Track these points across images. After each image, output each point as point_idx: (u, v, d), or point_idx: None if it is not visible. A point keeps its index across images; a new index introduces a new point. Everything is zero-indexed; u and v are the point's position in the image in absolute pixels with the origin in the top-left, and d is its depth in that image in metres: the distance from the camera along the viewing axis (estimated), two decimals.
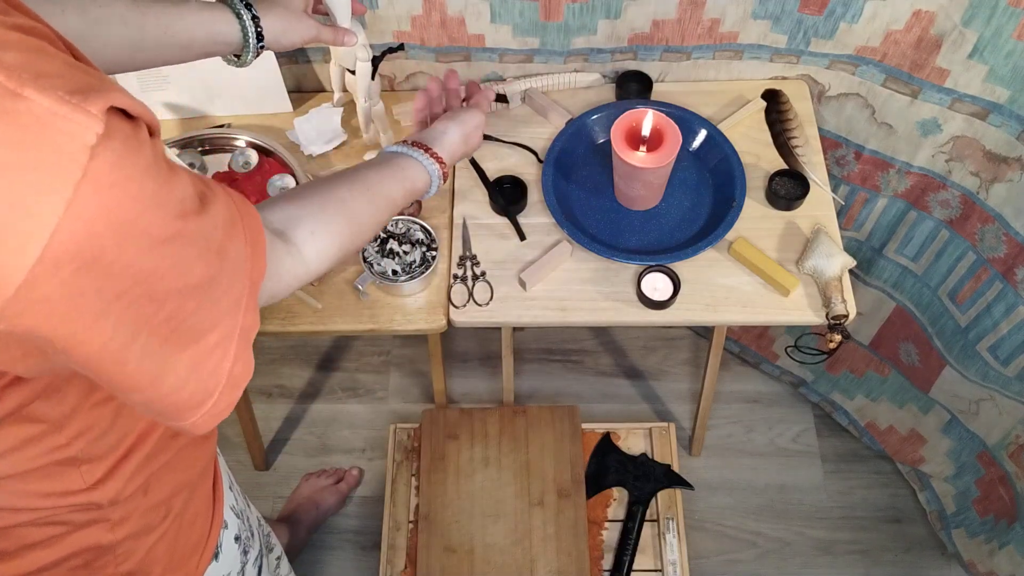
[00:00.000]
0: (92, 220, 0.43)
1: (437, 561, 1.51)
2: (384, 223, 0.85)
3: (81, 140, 0.42)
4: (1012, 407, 1.37)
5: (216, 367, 0.56)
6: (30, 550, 0.67)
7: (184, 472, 0.76)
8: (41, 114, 0.41)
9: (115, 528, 0.70)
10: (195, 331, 0.53)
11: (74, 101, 0.42)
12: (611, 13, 1.22)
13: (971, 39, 1.10)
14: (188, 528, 0.79)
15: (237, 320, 0.57)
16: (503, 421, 1.63)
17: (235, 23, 0.89)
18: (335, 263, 0.76)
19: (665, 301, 1.15)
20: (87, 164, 0.42)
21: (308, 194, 0.76)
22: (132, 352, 0.50)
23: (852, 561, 1.70)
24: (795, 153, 1.28)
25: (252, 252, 0.58)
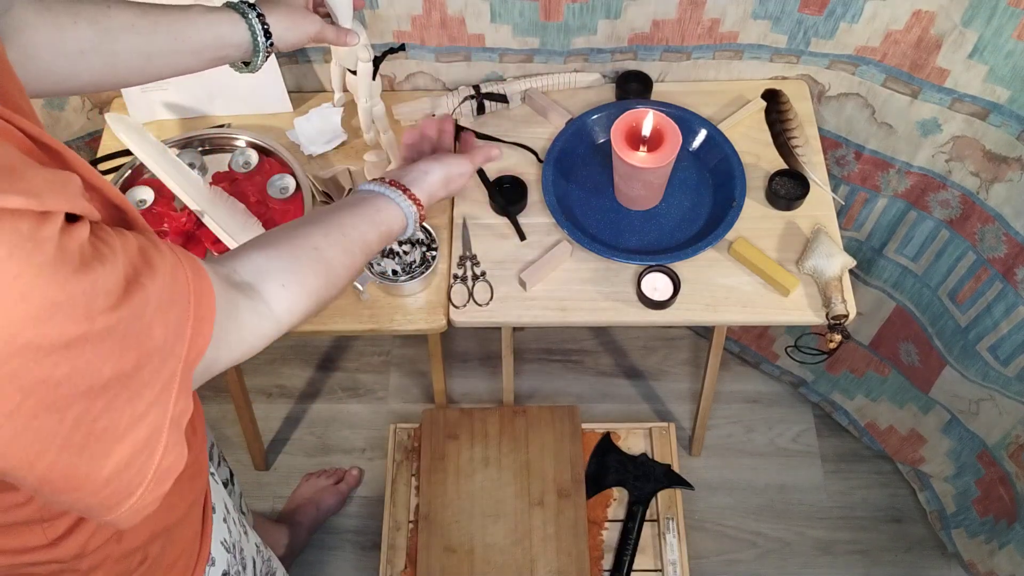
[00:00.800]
0: None
1: (437, 561, 1.51)
2: (359, 269, 0.79)
3: None
4: (1012, 407, 1.37)
5: (144, 464, 0.52)
6: None
7: (164, 516, 0.72)
8: None
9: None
10: (113, 432, 0.49)
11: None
12: (611, 13, 1.22)
13: (971, 39, 1.10)
14: (167, 569, 0.76)
15: (167, 409, 0.52)
16: (503, 421, 1.63)
17: (241, 23, 0.90)
18: (309, 316, 0.71)
19: (665, 301, 1.15)
20: None
21: (279, 242, 0.71)
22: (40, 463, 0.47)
23: (852, 561, 1.71)
24: (795, 153, 1.28)
25: (193, 331, 0.54)
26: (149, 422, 0.51)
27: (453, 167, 0.96)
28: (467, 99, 1.32)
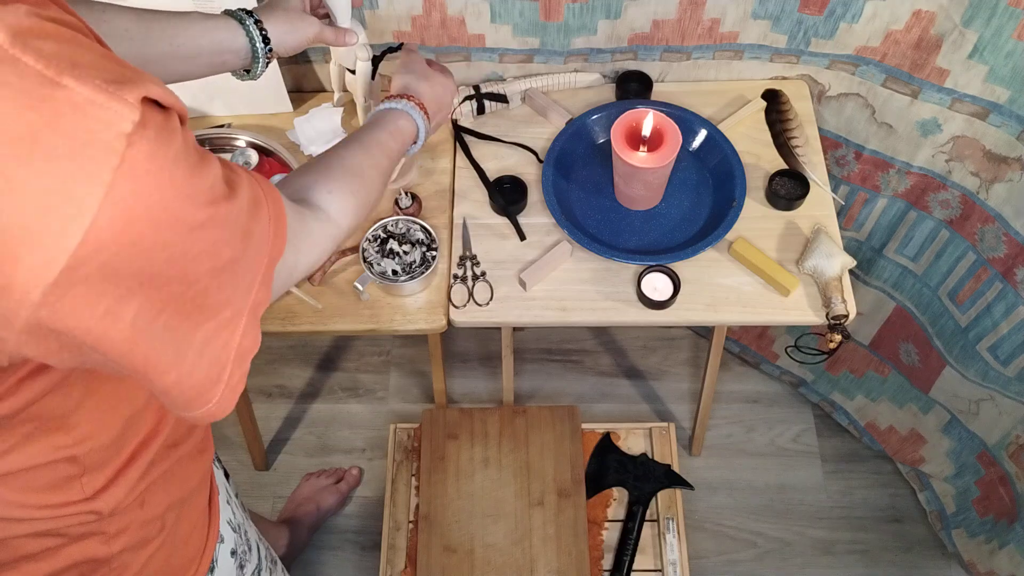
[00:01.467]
0: (131, 206, 0.44)
1: (437, 561, 1.51)
2: (388, 170, 0.88)
3: (118, 128, 0.43)
4: (1012, 407, 1.37)
5: (227, 341, 0.57)
6: (26, 562, 0.67)
7: (179, 487, 0.76)
8: (80, 102, 0.42)
9: (111, 541, 0.70)
10: (212, 309, 0.54)
11: (111, 90, 0.43)
12: (611, 13, 1.22)
13: (971, 39, 1.10)
14: (183, 543, 0.79)
15: (251, 296, 0.58)
16: (503, 421, 1.63)
17: (239, 30, 0.90)
18: (359, 218, 0.79)
19: (665, 301, 1.15)
20: (124, 152, 0.43)
21: (313, 164, 0.80)
22: (153, 333, 0.50)
23: (852, 561, 1.70)
24: (795, 153, 1.28)
25: (274, 231, 0.59)
26: (237, 304, 0.56)
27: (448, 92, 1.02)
28: (467, 99, 1.32)
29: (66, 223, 0.42)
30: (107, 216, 0.43)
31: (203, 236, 0.50)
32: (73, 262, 0.43)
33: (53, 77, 0.41)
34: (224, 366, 0.57)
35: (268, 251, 0.59)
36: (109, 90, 0.43)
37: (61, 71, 0.42)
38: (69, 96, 0.41)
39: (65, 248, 0.42)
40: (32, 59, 0.41)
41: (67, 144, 0.41)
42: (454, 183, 1.30)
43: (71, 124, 0.41)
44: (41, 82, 0.41)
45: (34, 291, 0.43)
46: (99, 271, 0.44)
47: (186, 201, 0.48)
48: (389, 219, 1.22)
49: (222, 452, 1.81)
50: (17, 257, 0.42)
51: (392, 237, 1.21)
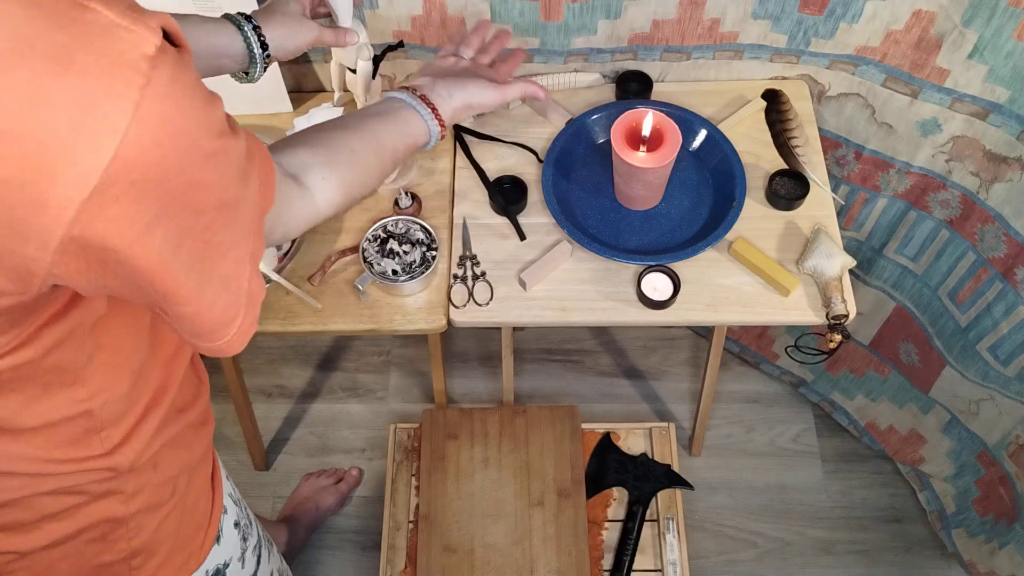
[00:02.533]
0: (156, 126, 0.45)
1: (437, 561, 1.51)
2: (387, 172, 0.88)
3: (142, 50, 0.44)
4: (1012, 407, 1.37)
5: (240, 284, 0.59)
6: (48, 521, 0.69)
7: (187, 452, 0.78)
8: (107, 24, 0.43)
9: (128, 501, 0.72)
10: (223, 247, 0.56)
11: (134, 15, 0.45)
12: (611, 13, 1.22)
13: (971, 39, 1.10)
14: (191, 510, 0.81)
15: (250, 242, 0.60)
16: (503, 421, 1.63)
17: (237, 35, 0.90)
18: (341, 209, 0.81)
19: (665, 301, 1.15)
20: (149, 72, 0.45)
21: (320, 140, 0.80)
22: (178, 261, 0.52)
23: (852, 561, 1.70)
24: (795, 153, 1.28)
25: (262, 183, 0.61)
26: (242, 248, 0.59)
27: (479, 96, 0.98)
28: None
29: (99, 139, 0.43)
30: (135, 134, 0.44)
31: (214, 166, 0.52)
32: (106, 178, 0.44)
33: (82, 0, 0.43)
34: (238, 308, 0.60)
35: (258, 202, 0.61)
36: (132, 15, 0.45)
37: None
38: (97, 18, 0.43)
39: (98, 164, 0.44)
40: None
41: (97, 63, 0.43)
42: (454, 183, 1.30)
43: (100, 44, 0.43)
44: (71, 4, 0.43)
45: (70, 207, 0.44)
46: (129, 190, 0.46)
47: (202, 128, 0.49)
48: (389, 219, 1.22)
49: (222, 452, 1.81)
50: (54, 173, 0.43)
51: (392, 237, 1.21)
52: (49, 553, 0.71)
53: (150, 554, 0.76)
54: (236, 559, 0.91)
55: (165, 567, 0.79)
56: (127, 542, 0.74)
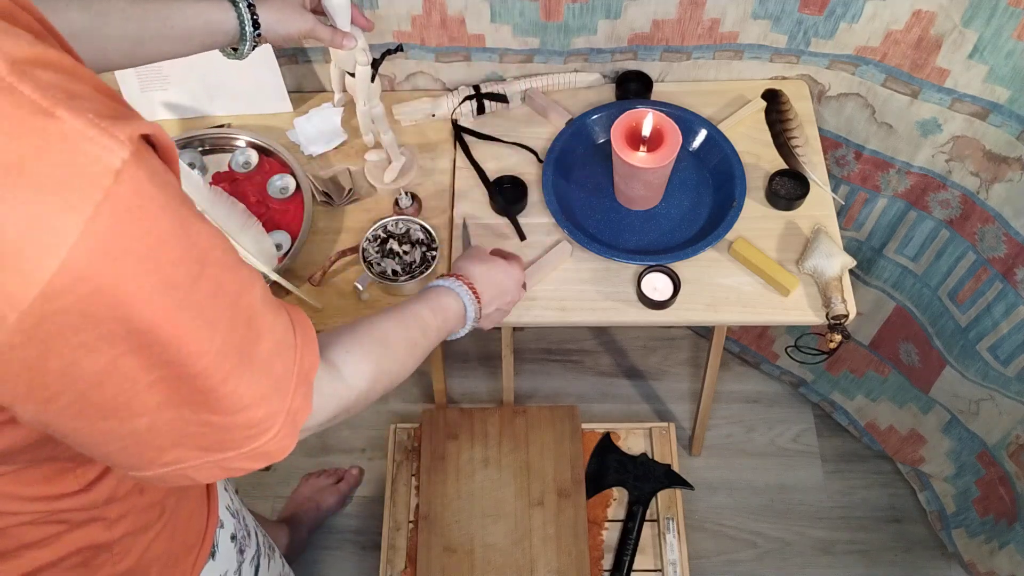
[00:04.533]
0: (109, 242, 0.43)
1: (437, 561, 1.51)
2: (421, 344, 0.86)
3: (106, 163, 0.43)
4: (1012, 407, 1.37)
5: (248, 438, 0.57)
6: (28, 549, 0.67)
7: None
8: (70, 134, 0.42)
9: (112, 526, 0.71)
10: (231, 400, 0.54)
11: (103, 125, 0.43)
12: (611, 13, 1.22)
13: (971, 39, 1.10)
14: (184, 527, 0.80)
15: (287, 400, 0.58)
16: (503, 421, 1.63)
17: (231, 12, 0.91)
18: (379, 385, 0.77)
19: (665, 301, 1.15)
20: (110, 187, 0.43)
21: (343, 326, 0.79)
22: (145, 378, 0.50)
23: (852, 561, 1.71)
24: (795, 153, 1.28)
25: (300, 340, 0.60)
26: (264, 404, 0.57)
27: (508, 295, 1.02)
28: (467, 99, 1.32)
29: (43, 251, 0.42)
30: (85, 248, 0.43)
31: (191, 301, 0.49)
32: (49, 290, 0.42)
33: (48, 108, 0.42)
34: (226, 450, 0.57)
35: (297, 356, 0.60)
36: (102, 125, 0.43)
37: (57, 102, 0.42)
38: (61, 128, 0.42)
39: (40, 276, 0.42)
40: (29, 88, 0.42)
41: (53, 175, 0.42)
42: (454, 183, 1.30)
43: (59, 156, 0.42)
44: (35, 111, 0.42)
45: (9, 314, 0.43)
46: (77, 304, 0.44)
47: (176, 251, 0.47)
48: (389, 219, 1.22)
49: None
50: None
51: (392, 237, 1.21)
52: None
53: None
54: (232, 572, 0.90)
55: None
56: (112, 567, 0.72)
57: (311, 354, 0.62)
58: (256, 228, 1.17)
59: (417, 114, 1.34)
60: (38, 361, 0.45)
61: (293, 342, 0.60)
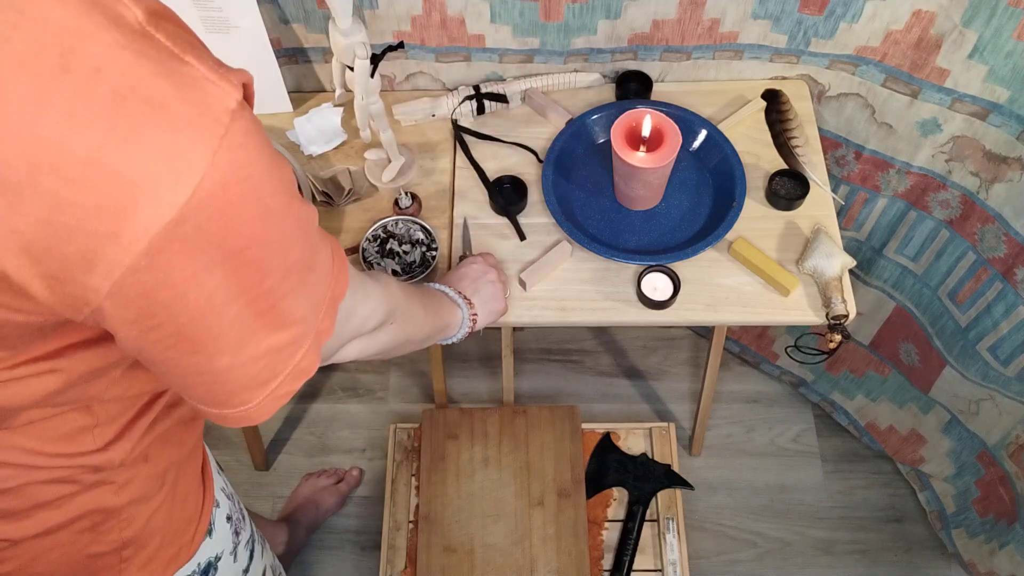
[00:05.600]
0: (228, 173, 0.48)
1: (437, 561, 1.51)
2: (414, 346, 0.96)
3: (225, 104, 0.48)
4: (1012, 407, 1.37)
5: (291, 355, 0.61)
6: (40, 510, 0.70)
7: (177, 447, 0.79)
8: (199, 78, 0.48)
9: (120, 491, 0.73)
10: (285, 317, 0.58)
11: (221, 71, 0.49)
12: (611, 13, 1.22)
13: (971, 39, 1.10)
14: (182, 502, 0.82)
15: (317, 319, 0.62)
16: (503, 421, 1.63)
17: None
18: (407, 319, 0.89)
19: (665, 301, 1.15)
20: (229, 124, 0.48)
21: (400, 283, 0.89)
22: (228, 312, 0.53)
23: (852, 561, 1.71)
24: (795, 153, 1.28)
25: (337, 266, 0.65)
26: (306, 325, 0.61)
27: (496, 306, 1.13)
28: (467, 99, 1.32)
29: (180, 179, 0.46)
30: (210, 178, 0.47)
31: (280, 224, 0.54)
32: (179, 216, 0.47)
33: (179, 54, 0.48)
34: (277, 375, 0.61)
35: (331, 283, 0.64)
36: (220, 71, 0.49)
37: (184, 50, 0.48)
38: (192, 72, 0.48)
39: (177, 201, 0.46)
40: (163, 36, 0.47)
41: (188, 112, 0.47)
42: (454, 183, 1.30)
43: (192, 95, 0.47)
44: (171, 56, 0.47)
45: (143, 239, 0.46)
46: (195, 231, 0.48)
47: (269, 183, 0.52)
48: (389, 219, 1.22)
49: (222, 452, 1.81)
50: (136, 206, 0.46)
51: (392, 237, 1.21)
52: (40, 542, 0.71)
53: (140, 546, 0.77)
54: (228, 552, 0.92)
55: (155, 559, 0.79)
56: (118, 532, 0.75)
57: (343, 280, 0.66)
58: None
59: (417, 114, 1.34)
60: (153, 289, 0.49)
61: (331, 268, 0.64)
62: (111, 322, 0.51)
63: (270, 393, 0.61)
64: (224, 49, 1.25)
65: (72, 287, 0.47)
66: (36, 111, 0.43)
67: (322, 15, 1.26)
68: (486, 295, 1.10)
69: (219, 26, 1.21)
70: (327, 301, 0.63)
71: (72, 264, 0.46)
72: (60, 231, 0.45)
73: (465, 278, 1.10)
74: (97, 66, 0.44)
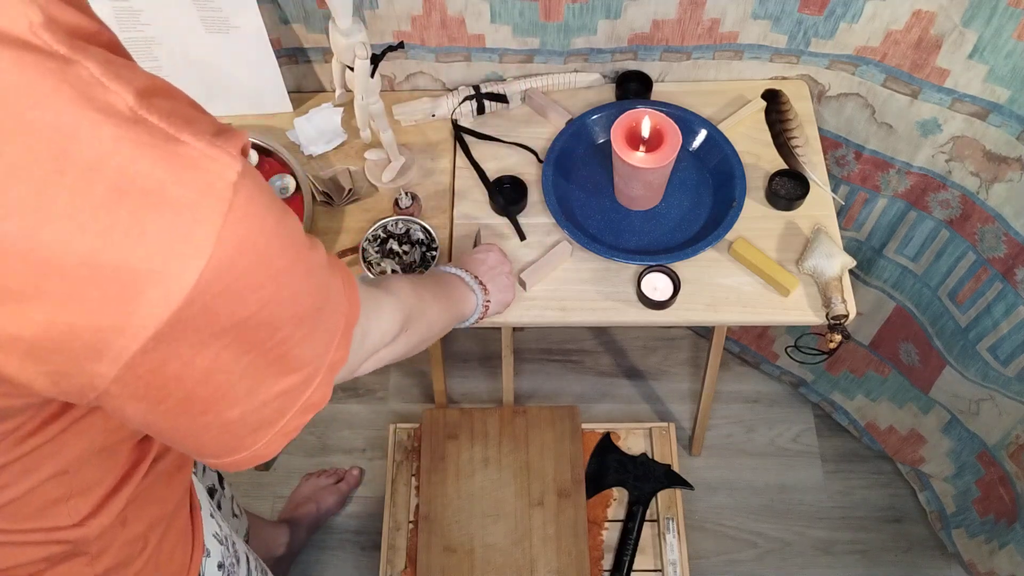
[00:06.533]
0: (235, 248, 0.47)
1: (437, 561, 1.51)
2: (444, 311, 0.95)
3: (226, 177, 0.47)
4: (1012, 407, 1.37)
5: (300, 393, 0.59)
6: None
7: (160, 505, 0.76)
8: (196, 156, 0.46)
9: (94, 562, 0.70)
10: (294, 361, 0.56)
11: (219, 144, 0.47)
12: (611, 13, 1.22)
13: (971, 39, 1.10)
14: (167, 559, 0.78)
15: (329, 353, 0.60)
16: (503, 421, 1.63)
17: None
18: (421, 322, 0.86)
19: (665, 301, 1.15)
20: (232, 199, 0.47)
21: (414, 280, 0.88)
22: (237, 367, 0.52)
23: (852, 561, 1.71)
24: (795, 153, 1.28)
25: (348, 295, 0.63)
26: (316, 360, 0.59)
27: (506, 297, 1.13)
28: (467, 99, 1.32)
29: (186, 264, 0.45)
30: (217, 258, 0.46)
31: (290, 280, 0.53)
32: (186, 300, 0.46)
33: (175, 134, 0.46)
34: (285, 414, 0.59)
35: (345, 312, 0.62)
36: (218, 144, 0.47)
37: (180, 128, 0.46)
38: (188, 151, 0.46)
39: (183, 287, 0.45)
40: (156, 117, 0.45)
41: (188, 195, 0.45)
42: (454, 183, 1.30)
43: (192, 176, 0.46)
44: (166, 139, 0.45)
45: (150, 327, 0.45)
46: (203, 310, 0.47)
47: (278, 243, 0.51)
48: (389, 219, 1.22)
49: None
50: (142, 294, 0.45)
51: (392, 237, 1.21)
52: None
53: None
54: None
55: None
56: None
57: (355, 305, 0.65)
58: None
59: (417, 114, 1.34)
60: (161, 365, 0.48)
61: (344, 295, 0.63)
62: (116, 402, 0.50)
63: (279, 430, 0.60)
64: (224, 49, 1.25)
65: (78, 378, 0.47)
66: (35, 218, 0.42)
67: (322, 15, 1.26)
68: (501, 284, 1.10)
69: (219, 26, 1.21)
70: (340, 331, 0.62)
71: (78, 358, 0.45)
72: (65, 331, 0.44)
73: (483, 264, 1.10)
74: (92, 165, 0.43)
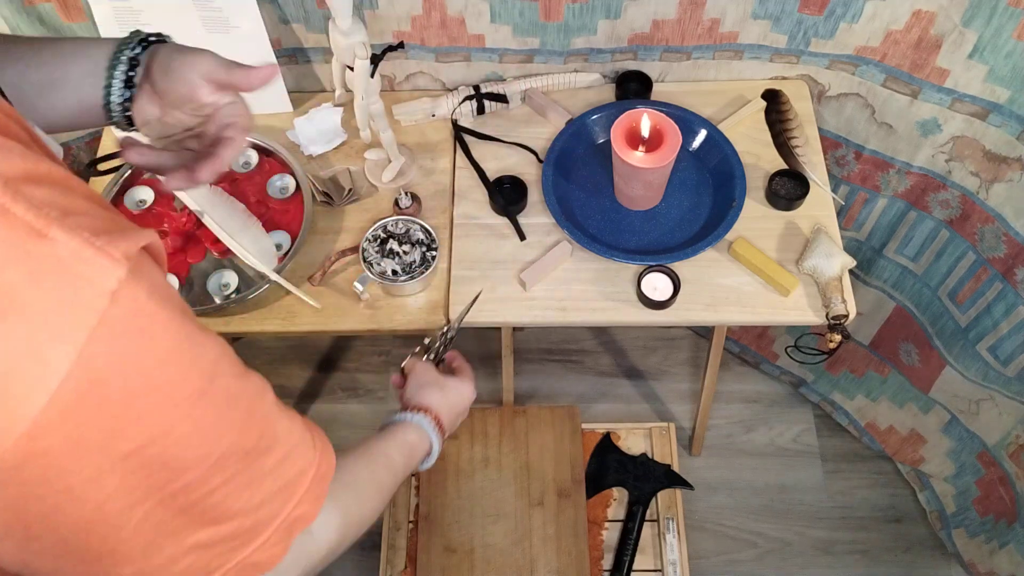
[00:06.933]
0: (103, 369, 0.41)
1: (437, 561, 1.51)
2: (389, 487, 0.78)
3: (102, 285, 0.40)
4: (1012, 407, 1.37)
5: (231, 550, 0.51)
6: None
7: None
8: (65, 257, 0.40)
9: None
10: (217, 510, 0.49)
11: (98, 244, 0.41)
12: (611, 13, 1.22)
13: (971, 39, 1.10)
14: None
15: (286, 507, 0.53)
16: (503, 421, 1.63)
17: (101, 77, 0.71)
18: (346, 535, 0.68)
19: (665, 301, 1.15)
20: (105, 310, 0.40)
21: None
22: (131, 518, 0.46)
23: (852, 561, 1.71)
24: (795, 153, 1.28)
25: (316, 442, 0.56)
26: (255, 512, 0.51)
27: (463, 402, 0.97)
28: (467, 99, 1.32)
29: (31, 387, 0.39)
30: (76, 378, 0.40)
31: (190, 413, 0.46)
32: (34, 429, 0.39)
33: (41, 229, 0.39)
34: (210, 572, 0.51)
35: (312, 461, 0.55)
36: (97, 244, 0.41)
37: (50, 221, 0.40)
38: (54, 250, 0.39)
39: (26, 413, 0.39)
40: (22, 208, 0.39)
41: (45, 302, 0.39)
42: (454, 183, 1.30)
43: (52, 281, 0.39)
44: (28, 234, 0.39)
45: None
46: (64, 443, 0.41)
47: (172, 368, 0.44)
48: (389, 219, 1.22)
49: None
50: None
51: (392, 237, 1.21)
52: None
53: None
54: None
55: None
56: None
57: (329, 456, 0.58)
58: (256, 228, 1.17)
59: (417, 114, 1.34)
60: (18, 502, 0.42)
61: (312, 444, 0.57)
62: None
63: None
64: (224, 49, 1.25)
65: None
66: None
67: (322, 15, 1.26)
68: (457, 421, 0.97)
69: (219, 26, 1.21)
70: (305, 484, 0.54)
71: None
72: None
73: (455, 410, 0.95)
74: None
